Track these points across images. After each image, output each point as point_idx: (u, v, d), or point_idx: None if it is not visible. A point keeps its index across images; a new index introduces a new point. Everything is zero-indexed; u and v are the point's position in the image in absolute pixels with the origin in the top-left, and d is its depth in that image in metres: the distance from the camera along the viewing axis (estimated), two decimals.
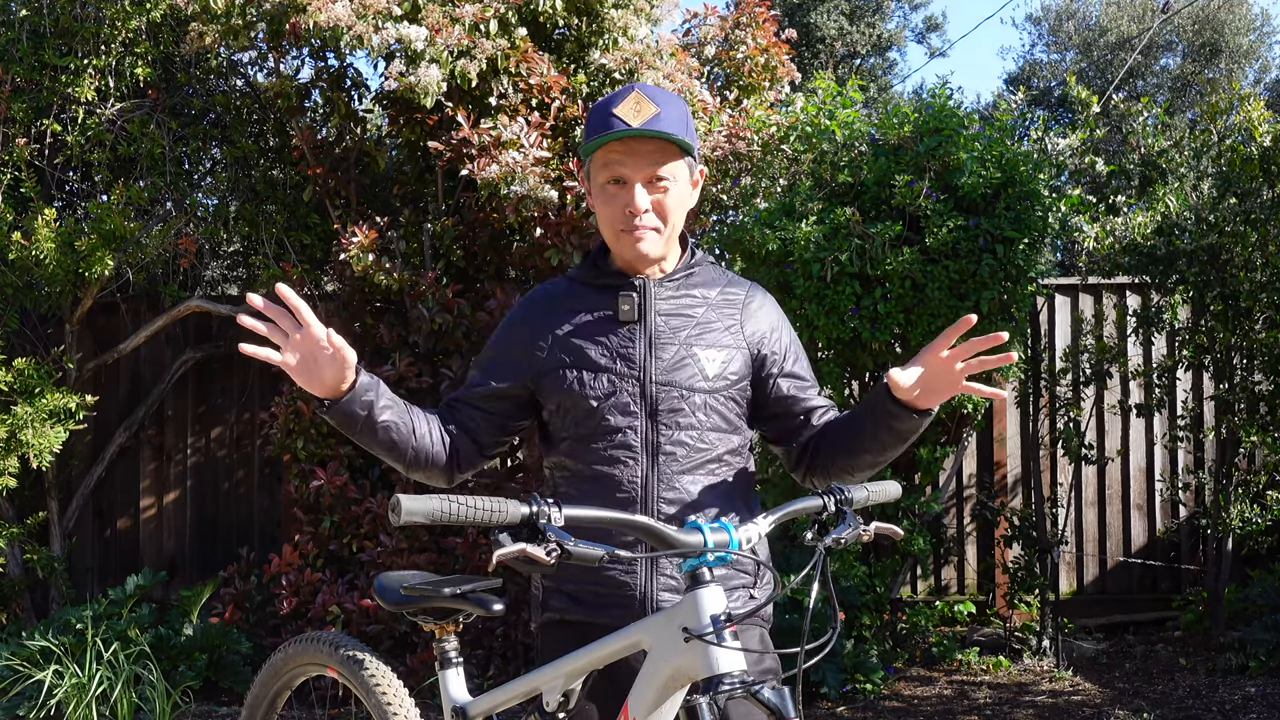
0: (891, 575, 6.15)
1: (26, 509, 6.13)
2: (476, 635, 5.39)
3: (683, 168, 2.20)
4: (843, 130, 5.50)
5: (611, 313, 2.21)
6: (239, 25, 5.47)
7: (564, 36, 5.80)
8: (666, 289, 2.23)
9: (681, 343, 2.20)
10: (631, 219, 2.16)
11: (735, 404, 2.24)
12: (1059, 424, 6.50)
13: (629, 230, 2.17)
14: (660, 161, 2.15)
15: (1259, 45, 16.59)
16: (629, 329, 2.20)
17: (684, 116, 2.17)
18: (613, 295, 2.22)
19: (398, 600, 2.41)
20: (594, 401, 2.17)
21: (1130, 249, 6.07)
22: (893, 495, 2.20)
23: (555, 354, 2.22)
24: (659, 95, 2.16)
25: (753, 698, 1.83)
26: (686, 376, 2.19)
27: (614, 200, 2.18)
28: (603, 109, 2.15)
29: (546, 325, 2.25)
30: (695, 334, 2.21)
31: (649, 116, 2.11)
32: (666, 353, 2.19)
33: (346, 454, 5.64)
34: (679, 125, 2.14)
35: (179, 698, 5.33)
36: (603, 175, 2.18)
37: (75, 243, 5.61)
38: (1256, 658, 5.73)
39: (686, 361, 2.19)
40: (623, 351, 2.19)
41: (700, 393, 2.19)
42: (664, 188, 2.17)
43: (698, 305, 2.24)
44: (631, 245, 2.19)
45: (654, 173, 2.16)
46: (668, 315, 2.21)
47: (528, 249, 5.58)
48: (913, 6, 19.44)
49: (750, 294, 2.31)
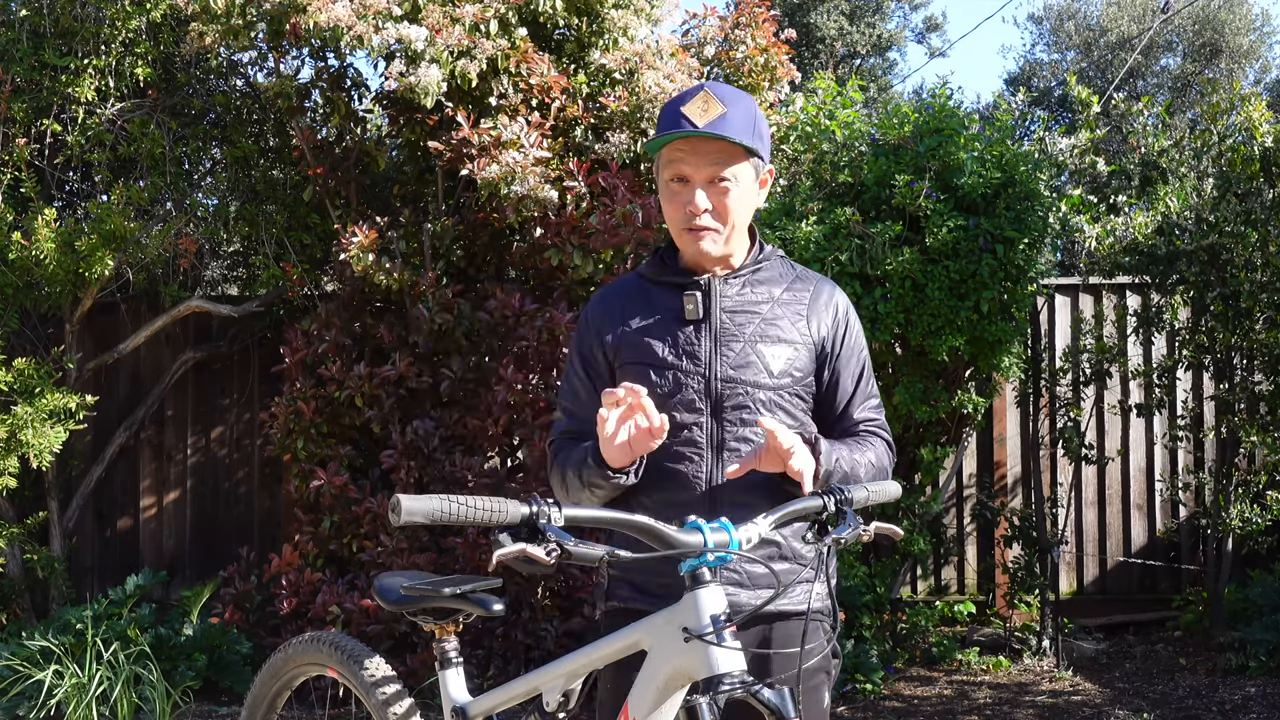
0: (891, 575, 6.15)
1: (26, 509, 6.13)
2: (476, 635, 5.39)
3: (747, 168, 2.20)
4: (843, 130, 5.50)
5: (677, 310, 2.24)
6: (239, 25, 5.46)
7: (564, 36, 5.80)
8: (732, 286, 2.25)
9: (746, 340, 2.22)
10: (692, 218, 2.19)
11: (800, 400, 2.26)
12: (1059, 424, 6.50)
13: (690, 230, 2.21)
14: (723, 162, 2.17)
15: (1259, 45, 16.59)
16: (694, 327, 2.23)
17: (751, 117, 2.18)
18: (678, 293, 2.25)
19: (398, 600, 2.41)
20: (659, 398, 2.19)
21: (1130, 249, 6.08)
22: (893, 495, 2.20)
23: (623, 351, 2.26)
24: (727, 95, 2.17)
25: (753, 698, 1.83)
26: (751, 373, 2.21)
27: (676, 198, 2.21)
28: (673, 106, 2.18)
29: (615, 322, 2.29)
30: (760, 331, 2.23)
31: (715, 116, 2.13)
32: (731, 350, 2.22)
33: (346, 454, 5.64)
34: (744, 126, 2.16)
35: (179, 698, 5.33)
36: (667, 172, 2.22)
37: (75, 243, 5.61)
38: (1256, 658, 5.73)
39: (751, 358, 2.22)
40: (688, 349, 2.22)
41: (765, 389, 2.21)
42: (725, 188, 2.18)
43: (763, 302, 2.25)
44: (692, 244, 2.22)
45: (716, 173, 2.17)
46: (732, 312, 2.24)
47: (528, 249, 5.57)
48: (913, 6, 19.45)
49: (818, 289, 2.31)
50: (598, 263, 5.30)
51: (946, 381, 5.66)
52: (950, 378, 5.68)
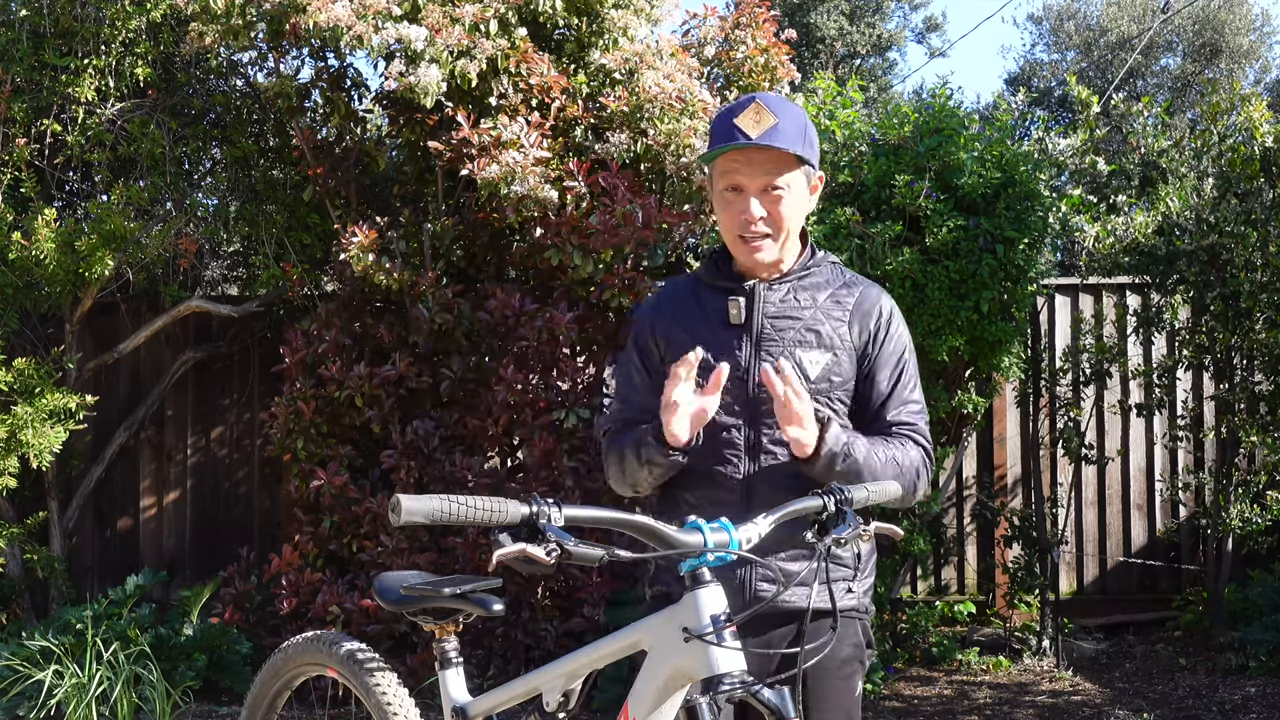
0: (892, 575, 6.15)
1: (26, 509, 6.12)
2: (476, 635, 5.39)
3: (799, 176, 2.27)
4: (843, 130, 5.50)
5: (723, 314, 2.31)
6: (239, 25, 5.46)
7: (564, 36, 5.80)
8: (776, 292, 2.32)
9: (786, 345, 2.28)
10: (747, 226, 2.25)
11: (841, 405, 2.31)
12: (1059, 424, 6.50)
13: (745, 238, 2.27)
14: (776, 171, 2.23)
15: (1259, 45, 16.59)
16: (736, 332, 2.30)
17: (802, 126, 2.25)
18: (725, 297, 2.32)
19: (398, 600, 2.41)
20: None
21: (1130, 249, 6.08)
22: (893, 495, 2.20)
23: (672, 350, 2.33)
24: (778, 105, 2.23)
25: (753, 698, 1.83)
26: None
27: (731, 207, 2.27)
28: (725, 118, 2.24)
29: (666, 323, 2.38)
30: (799, 336, 2.29)
31: (767, 127, 2.19)
32: (770, 355, 2.27)
33: (346, 454, 5.64)
34: (796, 136, 2.22)
35: (179, 698, 5.33)
36: (721, 182, 2.28)
37: (75, 243, 5.61)
38: (1256, 658, 5.73)
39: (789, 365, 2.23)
40: (729, 355, 2.28)
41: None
42: (778, 197, 2.25)
43: (806, 308, 2.31)
44: (748, 253, 2.28)
45: (769, 182, 2.24)
46: (774, 318, 2.30)
47: (528, 249, 5.57)
48: (913, 6, 19.44)
49: (864, 295, 2.36)
50: (598, 263, 5.30)
51: (946, 381, 5.66)
52: (950, 378, 5.68)
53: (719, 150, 2.24)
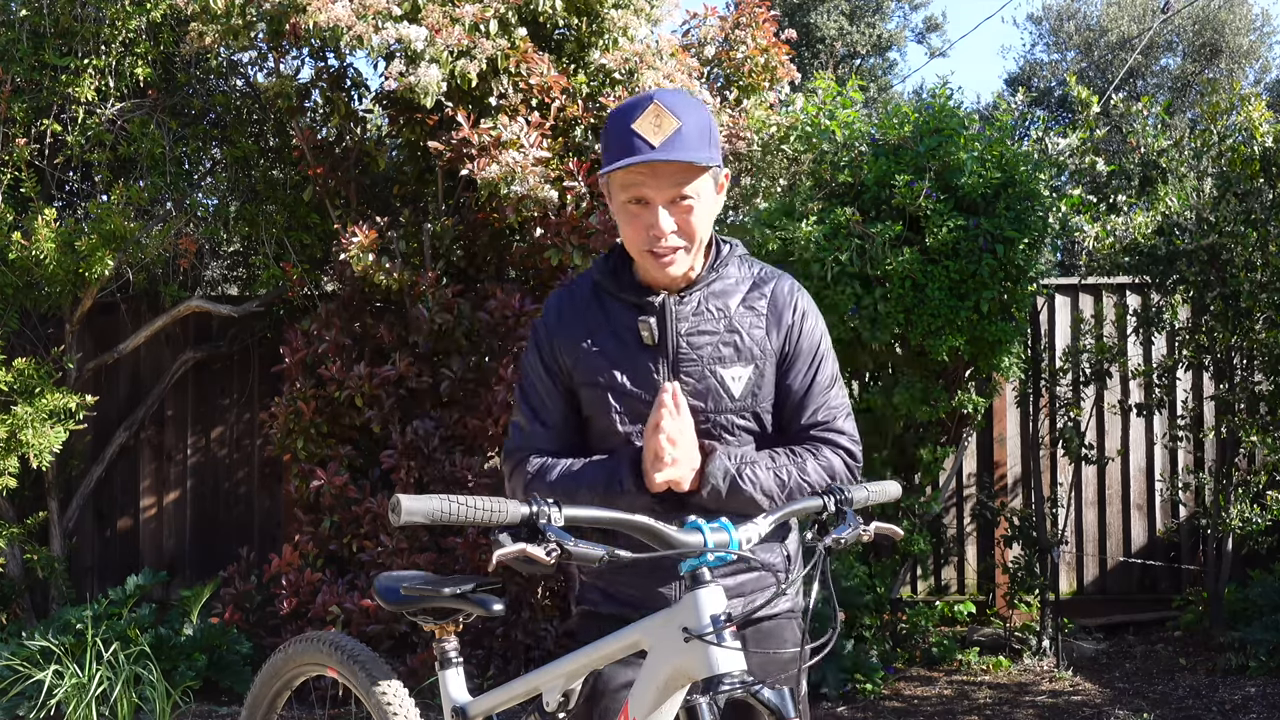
0: (892, 575, 6.15)
1: (26, 509, 6.12)
2: (476, 635, 5.39)
3: (707, 180, 2.11)
4: (843, 130, 5.50)
5: (634, 330, 2.16)
6: (239, 25, 5.46)
7: (564, 36, 5.80)
8: (687, 304, 2.17)
9: (704, 363, 2.15)
10: (656, 241, 2.09)
11: (768, 415, 2.21)
12: (1059, 424, 6.50)
13: (655, 253, 2.11)
14: (684, 181, 2.07)
15: (1259, 45, 16.60)
16: (650, 354, 2.15)
17: (705, 127, 2.09)
18: (634, 313, 2.17)
19: (398, 600, 2.40)
20: (619, 426, 2.16)
21: (1130, 249, 6.07)
22: (893, 495, 2.20)
23: (585, 369, 2.19)
24: (679, 105, 2.07)
25: (753, 698, 1.83)
26: (711, 400, 2.15)
27: (636, 220, 2.10)
28: (621, 124, 2.06)
29: (574, 335, 2.21)
30: (717, 353, 2.16)
31: (670, 133, 2.03)
32: (690, 376, 2.15)
33: (346, 454, 5.64)
34: (701, 139, 2.06)
35: (179, 698, 5.33)
36: (624, 195, 2.10)
37: (75, 243, 5.61)
38: (1256, 658, 5.73)
39: (710, 383, 2.15)
40: (645, 378, 2.15)
41: (726, 413, 2.16)
42: (688, 207, 2.09)
43: (720, 318, 2.17)
44: (659, 268, 2.12)
45: (678, 193, 2.07)
46: (688, 335, 2.16)
47: (528, 249, 5.57)
48: (913, 6, 19.45)
49: (776, 292, 2.22)
50: None
51: (946, 381, 5.66)
52: (950, 378, 5.68)
53: (620, 167, 2.04)
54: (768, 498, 2.08)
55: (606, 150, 2.11)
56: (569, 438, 2.24)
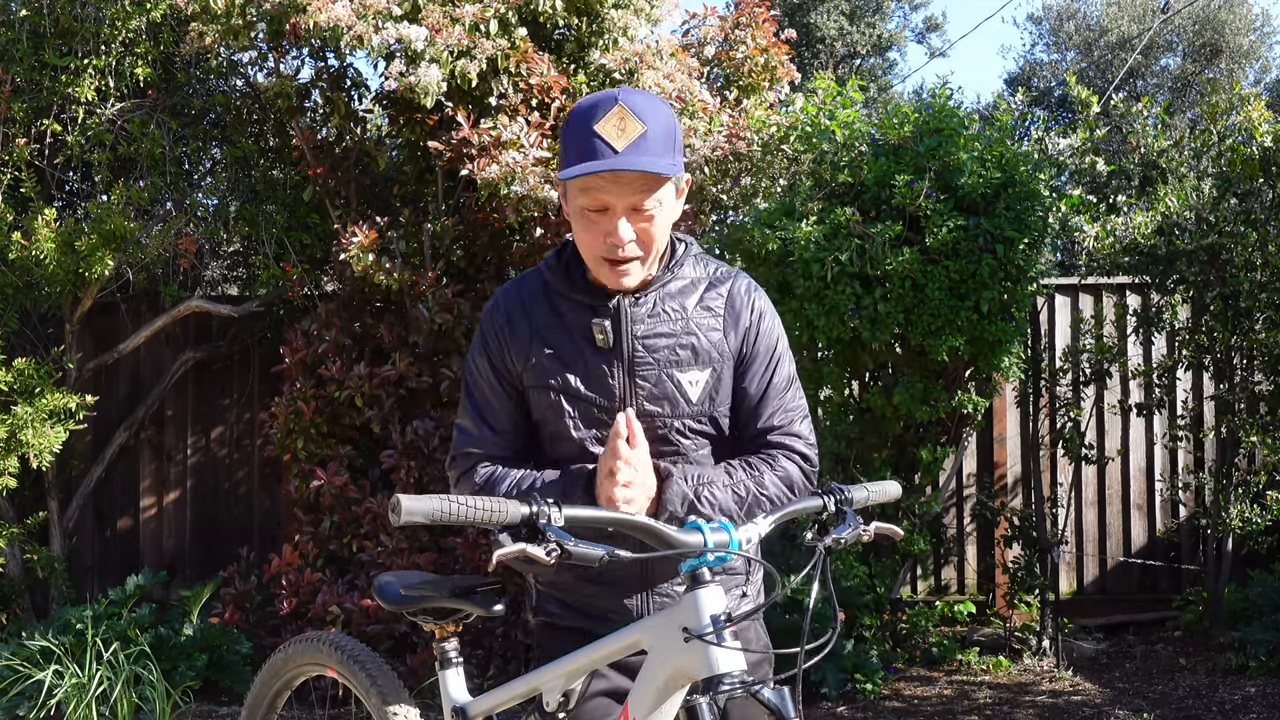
0: (892, 575, 6.15)
1: (26, 509, 6.13)
2: (476, 635, 5.39)
3: (669, 188, 2.05)
4: (843, 130, 5.50)
5: (587, 332, 2.11)
6: (239, 25, 5.46)
7: (564, 36, 5.80)
8: (643, 305, 2.11)
9: (661, 367, 2.11)
10: (615, 249, 2.03)
11: (724, 419, 2.17)
12: (1059, 424, 6.50)
13: (611, 261, 2.05)
14: (646, 190, 2.00)
15: (1259, 45, 16.60)
16: (605, 357, 2.10)
17: (670, 131, 2.02)
18: (588, 313, 2.12)
19: (398, 600, 2.40)
20: (573, 430, 2.12)
21: (1130, 249, 6.07)
22: (893, 495, 2.20)
23: (535, 371, 2.14)
24: (643, 107, 1.99)
25: (753, 698, 1.83)
26: (668, 405, 2.12)
27: (595, 228, 2.03)
28: (583, 124, 1.99)
29: (525, 337, 2.15)
30: (673, 356, 2.11)
31: (634, 137, 1.96)
32: (646, 380, 2.10)
33: (346, 454, 5.64)
34: (665, 144, 2.00)
35: (179, 698, 5.33)
36: (582, 199, 2.02)
37: (75, 243, 5.61)
38: (1256, 658, 5.73)
39: (667, 388, 2.11)
40: (600, 382, 2.10)
41: (684, 418, 2.13)
42: (649, 216, 2.03)
43: (676, 320, 2.12)
44: (614, 277, 2.07)
45: (640, 201, 2.01)
46: (644, 338, 2.11)
47: (528, 249, 5.57)
48: (913, 6, 19.45)
49: (733, 293, 2.17)
50: None
51: (946, 381, 5.66)
52: (950, 378, 5.68)
53: (578, 173, 1.97)
54: (726, 517, 2.03)
55: (565, 152, 2.03)
56: (518, 443, 2.20)
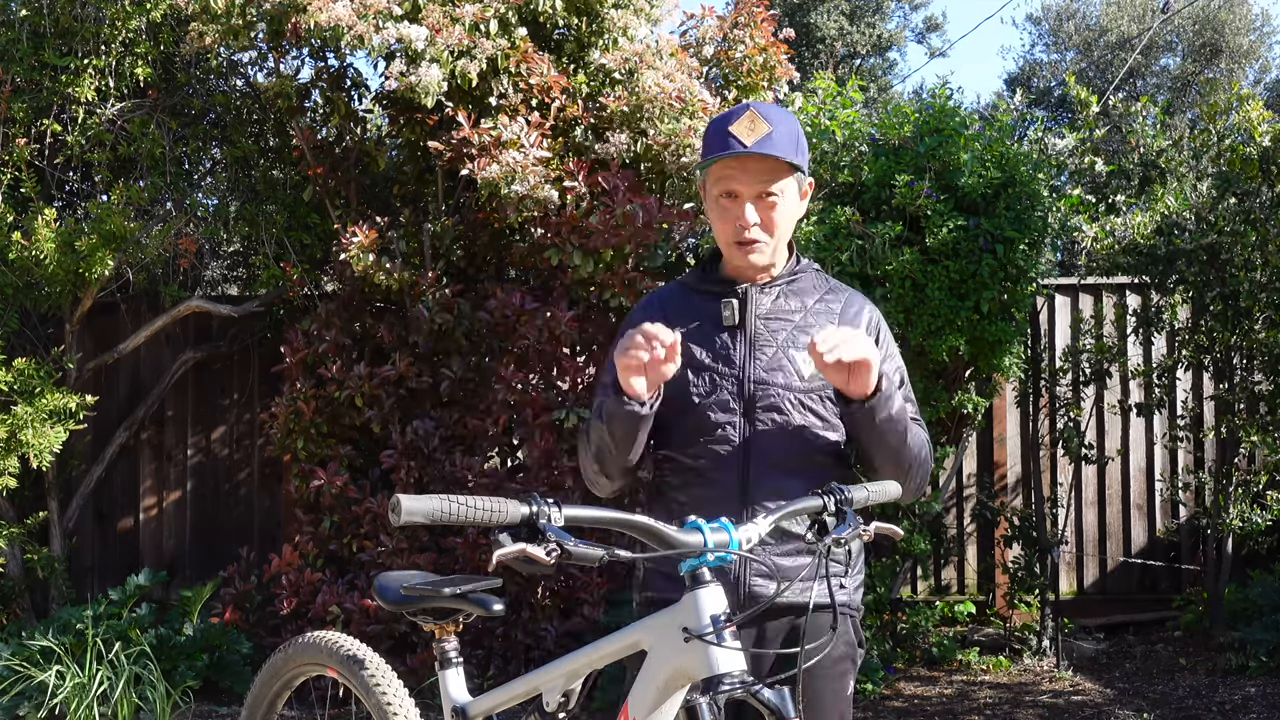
0: (892, 575, 6.15)
1: (26, 509, 6.12)
2: (476, 635, 5.39)
3: (791, 183, 2.31)
4: (843, 130, 5.50)
5: (716, 316, 2.34)
6: (239, 25, 5.46)
7: (564, 36, 5.80)
8: (768, 295, 2.36)
9: (779, 345, 2.32)
10: (742, 231, 2.29)
11: (831, 402, 2.32)
12: (1059, 424, 6.50)
13: (741, 243, 2.30)
14: (770, 179, 2.27)
15: (1259, 45, 16.60)
16: (730, 332, 2.33)
17: (795, 134, 2.29)
18: (718, 300, 2.35)
19: (398, 600, 2.41)
20: (696, 398, 2.29)
21: (1130, 249, 6.08)
22: (893, 495, 2.20)
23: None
24: (772, 114, 2.27)
25: (753, 698, 1.83)
26: (782, 377, 2.29)
27: (727, 214, 2.31)
28: (720, 126, 2.28)
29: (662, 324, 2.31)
30: (792, 337, 2.33)
31: (762, 135, 2.23)
32: (764, 354, 2.31)
33: (346, 454, 5.64)
34: (789, 144, 2.26)
35: (179, 698, 5.33)
36: (717, 189, 2.31)
37: (75, 243, 5.61)
38: (1256, 658, 5.73)
39: (783, 362, 2.30)
40: (724, 353, 2.32)
41: (796, 391, 2.29)
42: (773, 203, 2.28)
43: (796, 311, 2.35)
44: (742, 255, 2.32)
45: (764, 188, 2.27)
46: (766, 319, 2.34)
47: (528, 249, 5.57)
48: (913, 6, 19.45)
49: (850, 301, 2.41)
50: (598, 263, 5.31)
51: (946, 381, 5.66)
52: (950, 378, 5.68)
53: (715, 159, 2.27)
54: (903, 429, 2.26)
55: (705, 152, 2.34)
56: None
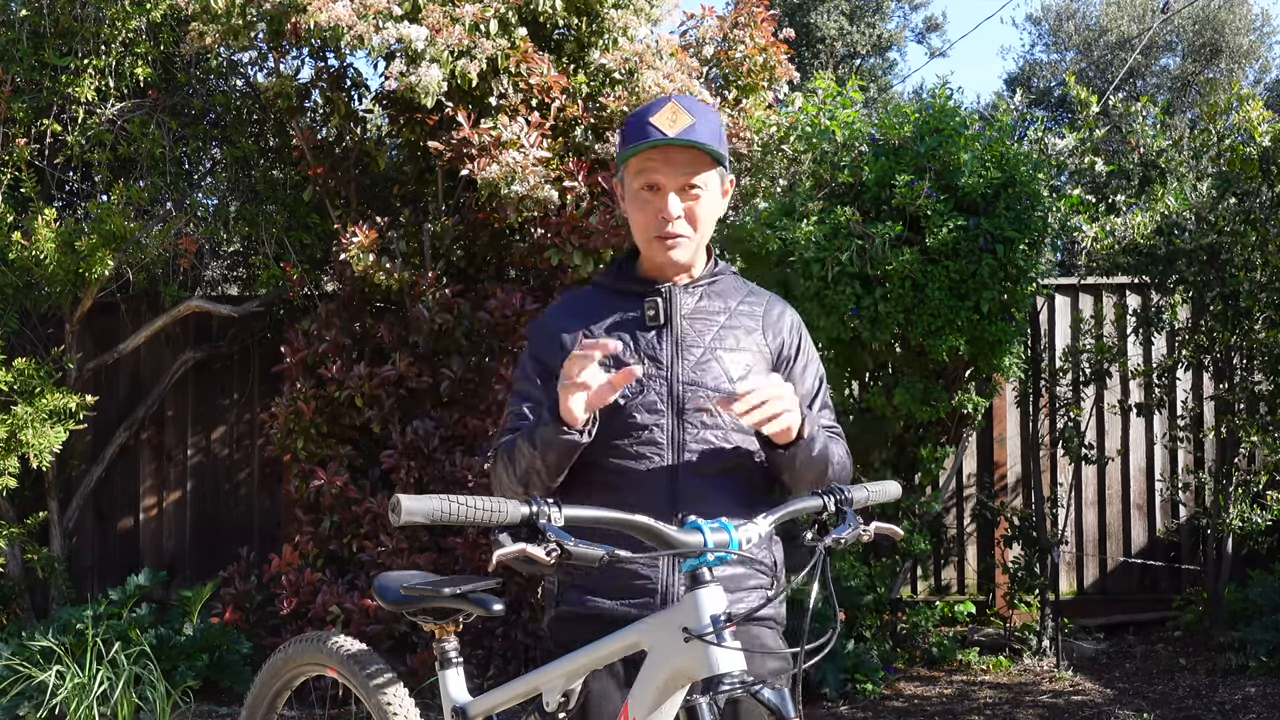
0: (892, 575, 6.15)
1: (26, 509, 6.12)
2: (476, 635, 5.39)
3: (714, 177, 2.25)
4: (843, 130, 5.50)
5: (639, 316, 2.27)
6: (239, 25, 5.46)
7: (564, 36, 5.80)
8: (691, 295, 2.29)
9: (706, 345, 2.26)
10: (664, 225, 2.22)
11: None
12: (1059, 424, 6.50)
13: (662, 236, 2.24)
14: (693, 170, 2.21)
15: (1259, 45, 16.60)
16: (656, 332, 2.26)
17: (717, 128, 2.23)
18: (639, 300, 2.28)
19: (398, 600, 2.40)
20: (622, 399, 2.20)
21: (1130, 249, 6.08)
22: (893, 495, 2.20)
23: None
24: (694, 106, 2.22)
25: (753, 698, 1.83)
26: (712, 377, 2.24)
27: (647, 206, 2.24)
28: (640, 118, 2.22)
29: (576, 327, 2.30)
30: (718, 337, 2.27)
31: (684, 126, 2.17)
32: (692, 354, 2.25)
33: (346, 454, 5.64)
34: (712, 136, 2.20)
35: (179, 698, 5.33)
36: (637, 181, 2.24)
37: (75, 243, 5.61)
38: (1256, 658, 5.73)
39: (711, 362, 2.25)
40: (651, 352, 2.25)
41: (726, 392, 2.21)
42: (696, 195, 2.23)
43: (719, 312, 2.30)
44: (663, 251, 2.25)
45: (687, 181, 2.21)
46: (691, 319, 2.28)
47: (528, 249, 5.57)
48: (913, 6, 19.45)
49: (770, 305, 2.37)
50: (598, 263, 5.31)
51: (946, 381, 5.66)
52: (950, 378, 5.68)
53: (635, 149, 2.19)
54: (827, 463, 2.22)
55: (623, 144, 2.25)
56: None
